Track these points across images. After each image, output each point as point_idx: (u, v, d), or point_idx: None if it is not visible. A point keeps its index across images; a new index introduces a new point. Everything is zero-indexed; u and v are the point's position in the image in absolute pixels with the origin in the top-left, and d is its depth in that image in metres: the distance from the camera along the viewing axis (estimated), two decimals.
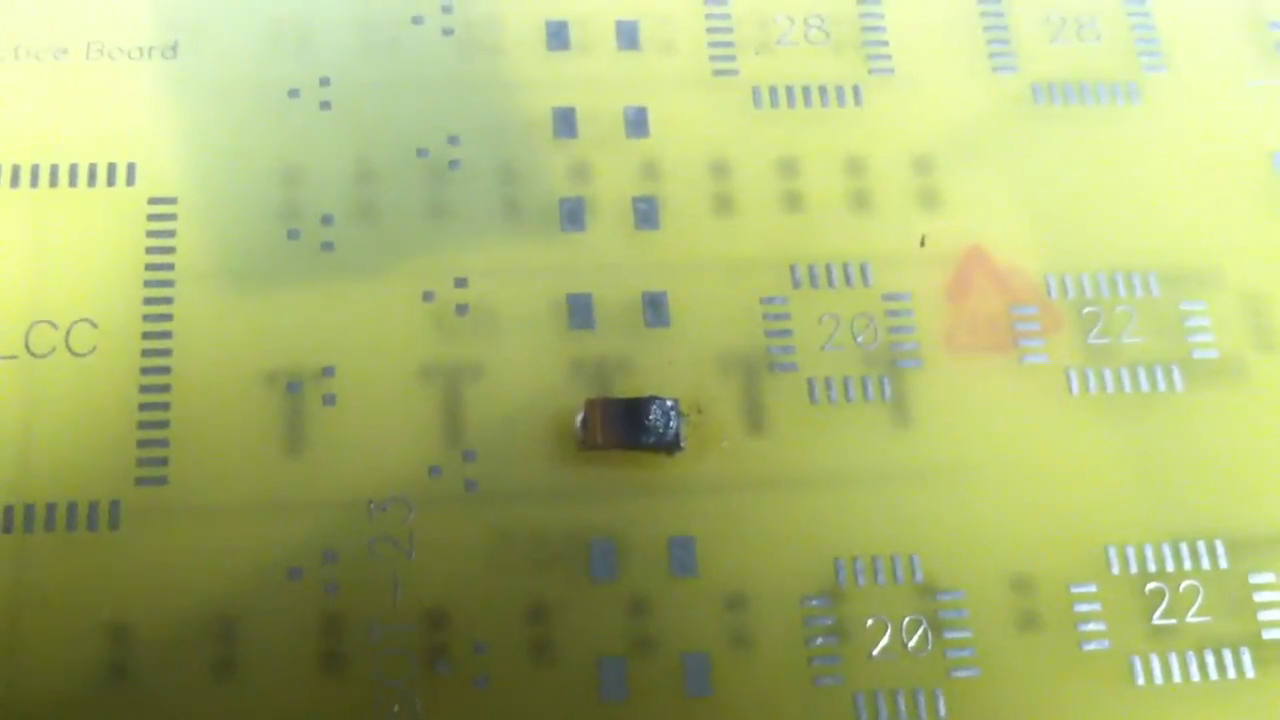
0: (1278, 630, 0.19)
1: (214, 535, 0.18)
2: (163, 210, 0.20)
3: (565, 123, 0.21)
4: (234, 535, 0.18)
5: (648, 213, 0.21)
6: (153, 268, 0.20)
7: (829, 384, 0.20)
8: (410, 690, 0.18)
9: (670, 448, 0.19)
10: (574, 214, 0.20)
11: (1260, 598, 0.19)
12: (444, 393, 0.19)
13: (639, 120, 0.21)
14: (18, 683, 0.18)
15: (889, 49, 0.22)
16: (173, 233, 0.20)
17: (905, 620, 0.19)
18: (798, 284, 0.20)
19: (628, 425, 0.19)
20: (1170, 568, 0.19)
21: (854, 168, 0.21)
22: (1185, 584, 0.19)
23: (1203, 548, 0.19)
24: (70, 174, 0.20)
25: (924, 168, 0.21)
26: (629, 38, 0.22)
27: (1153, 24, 0.23)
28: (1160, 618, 0.19)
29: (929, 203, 0.21)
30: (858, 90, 0.22)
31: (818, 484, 0.19)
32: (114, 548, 0.18)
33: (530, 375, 0.20)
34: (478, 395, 0.19)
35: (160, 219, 0.20)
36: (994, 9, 0.22)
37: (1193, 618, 0.19)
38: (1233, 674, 0.19)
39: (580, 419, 0.19)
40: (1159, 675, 0.19)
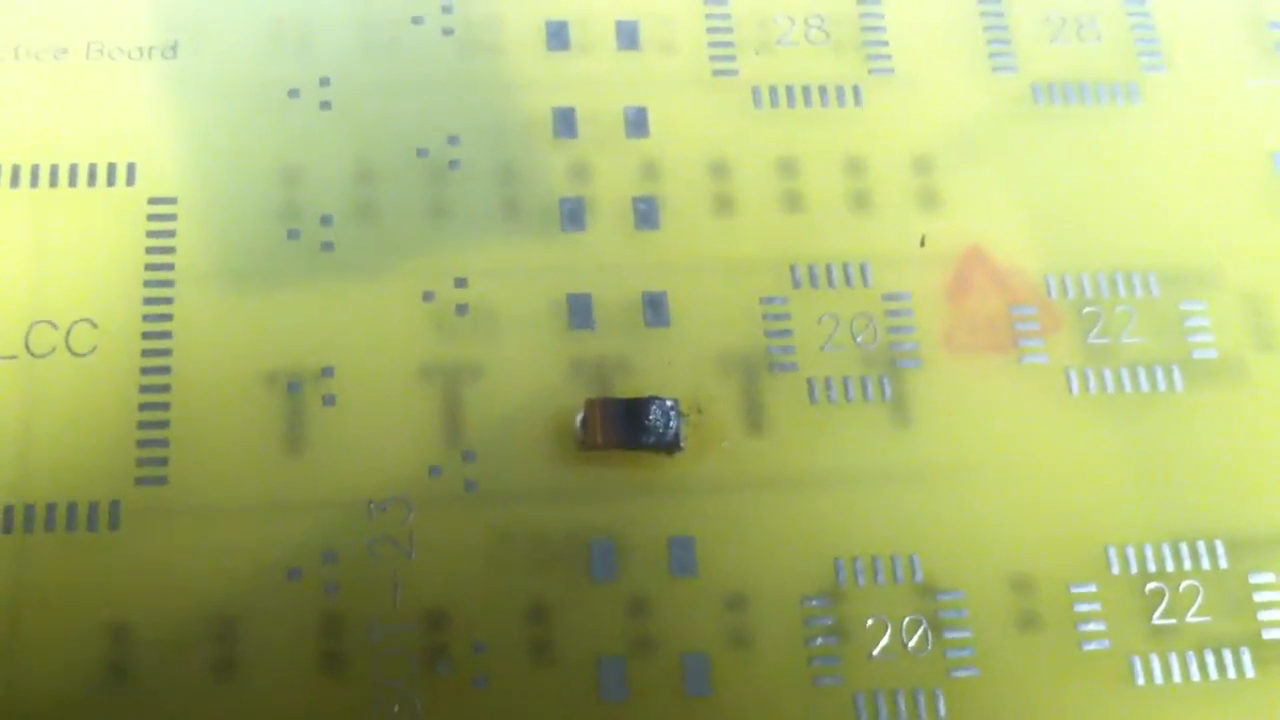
0: (1278, 630, 0.19)
1: (214, 535, 0.18)
2: (163, 210, 0.20)
3: (565, 123, 0.21)
4: (234, 535, 0.18)
5: (648, 213, 0.21)
6: (153, 268, 0.20)
7: (829, 384, 0.20)
8: (410, 690, 0.18)
9: (670, 448, 0.19)
10: (574, 214, 0.20)
11: (1260, 598, 0.19)
12: (444, 393, 0.19)
13: (639, 120, 0.21)
14: (18, 683, 0.18)
15: (889, 49, 0.22)
16: (173, 233, 0.20)
17: (905, 620, 0.19)
18: (798, 284, 0.20)
19: (628, 425, 0.19)
20: (1170, 568, 0.19)
21: (854, 168, 0.21)
22: (1185, 584, 0.19)
23: (1203, 548, 0.19)
24: (70, 174, 0.20)
25: (924, 168, 0.21)
26: (629, 38, 0.22)
27: (1153, 24, 0.23)
28: (1160, 618, 0.19)
29: (929, 203, 0.21)
30: (858, 90, 0.22)
31: (818, 484, 0.19)
32: (114, 548, 0.18)
33: (530, 375, 0.20)
34: (478, 395, 0.19)
35: (160, 219, 0.20)
36: (994, 9, 0.22)
37: (1193, 618, 0.19)
38: (1233, 674, 0.19)
39: (580, 419, 0.19)
40: (1159, 675, 0.19)
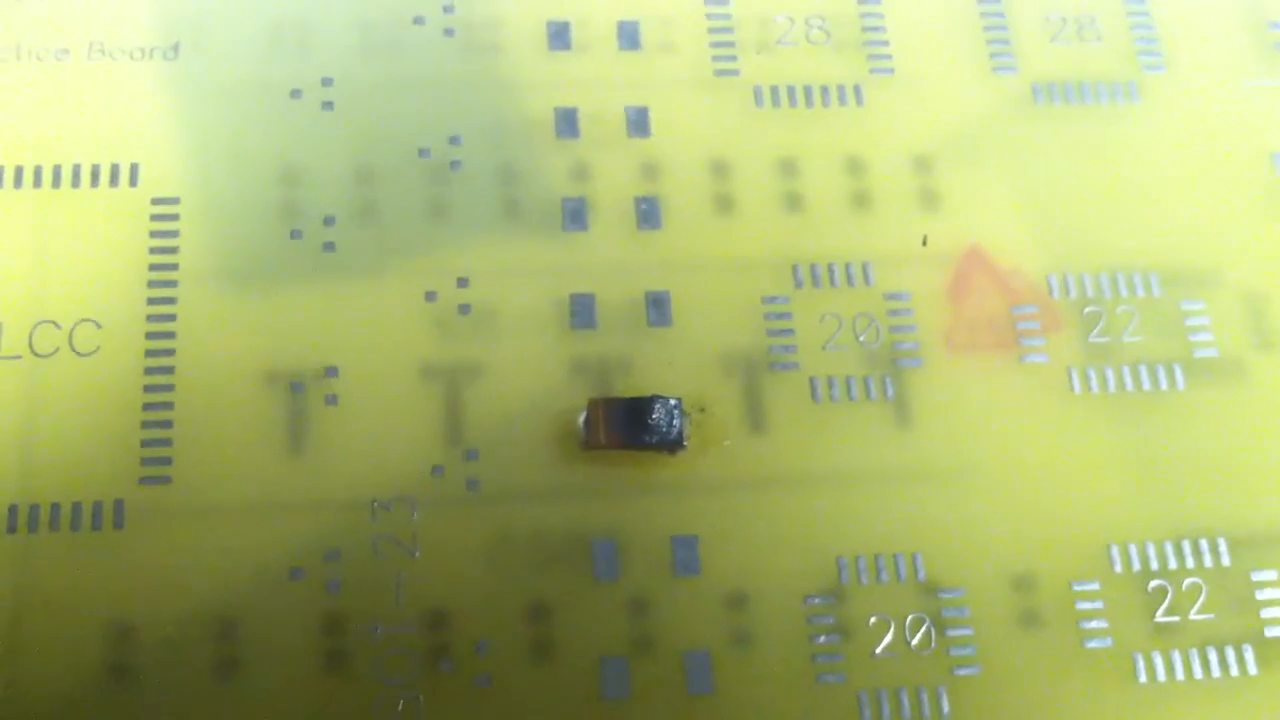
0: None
1: (217, 535, 0.18)
2: (165, 210, 0.20)
3: (567, 123, 0.21)
4: (237, 535, 0.18)
5: (649, 212, 0.21)
6: (156, 268, 0.20)
7: (831, 383, 0.20)
8: (413, 689, 0.18)
9: (673, 447, 0.19)
10: (576, 214, 0.21)
11: (1262, 595, 0.19)
12: (446, 392, 0.19)
13: (640, 120, 0.21)
14: (21, 682, 0.18)
15: (889, 49, 0.22)
16: (175, 233, 0.20)
17: (908, 618, 0.19)
18: (799, 283, 0.20)
19: (630, 424, 0.19)
20: (1173, 565, 0.19)
21: (855, 167, 0.21)
22: (1187, 582, 0.19)
23: (1205, 545, 0.19)
24: (73, 174, 0.20)
25: (924, 167, 0.21)
26: (630, 38, 0.22)
27: (1152, 24, 0.23)
28: (1163, 615, 0.19)
29: (929, 202, 0.21)
30: (858, 90, 0.22)
31: (820, 483, 0.19)
32: (117, 547, 0.18)
33: (532, 375, 0.20)
34: (480, 395, 0.19)
35: (163, 219, 0.20)
36: (994, 9, 0.22)
37: (1195, 615, 0.19)
38: (1235, 671, 0.19)
39: (583, 418, 0.19)
40: (1161, 673, 0.19)
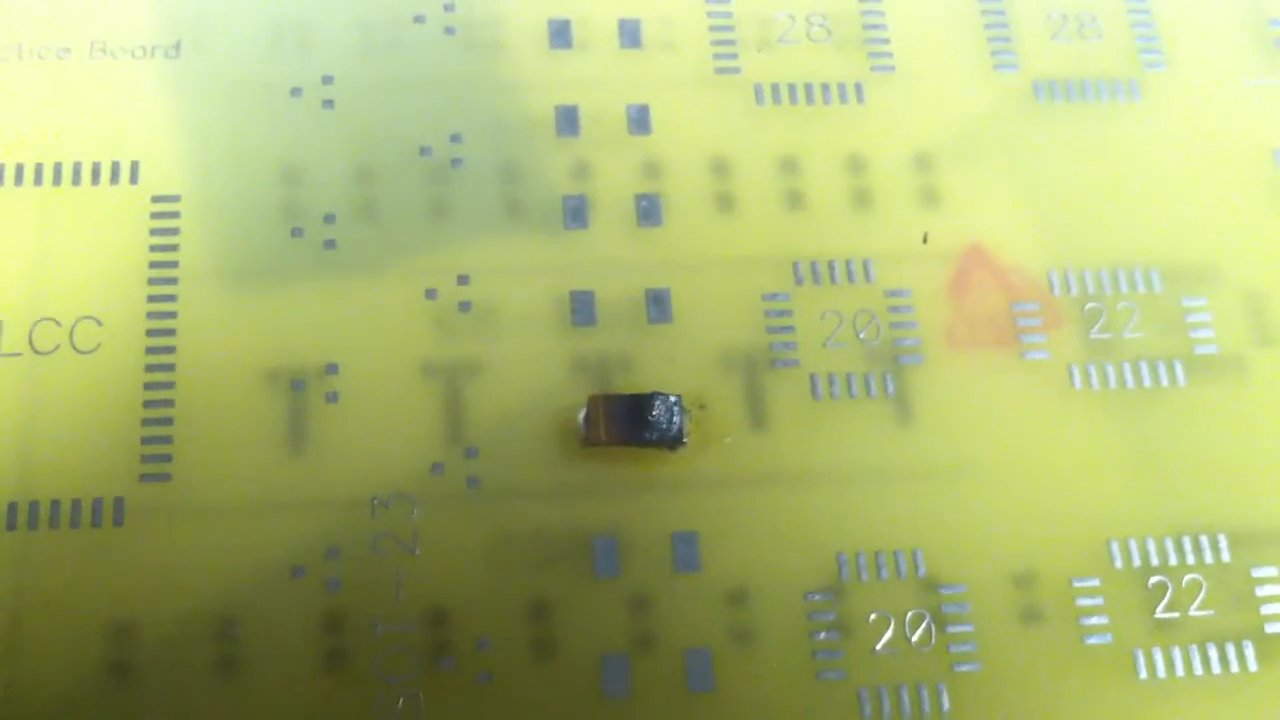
0: None
1: (217, 532, 0.18)
2: (166, 208, 0.20)
3: (568, 121, 0.21)
4: (237, 532, 0.18)
5: (650, 210, 0.21)
6: (156, 265, 0.20)
7: (831, 380, 0.20)
8: (413, 687, 0.18)
9: (673, 444, 0.19)
10: (577, 211, 0.21)
11: (1263, 592, 0.19)
12: (446, 390, 0.19)
13: (641, 118, 0.21)
14: (21, 680, 0.18)
15: (890, 46, 0.22)
16: (176, 231, 0.20)
17: (908, 615, 0.19)
18: (800, 280, 0.20)
19: (631, 421, 0.19)
20: (1173, 562, 0.19)
21: (855, 165, 0.21)
22: (1188, 578, 0.19)
23: (1205, 542, 0.19)
24: (74, 172, 0.20)
25: (925, 165, 0.21)
26: (631, 36, 0.22)
27: (1153, 21, 0.23)
28: (1163, 612, 0.19)
29: (930, 200, 0.21)
30: (859, 88, 0.22)
31: (820, 479, 0.19)
32: (117, 545, 0.18)
33: (533, 372, 0.20)
34: (480, 392, 0.19)
35: (163, 217, 0.20)
36: (995, 6, 0.22)
37: (1195, 612, 0.19)
38: (1236, 668, 0.19)
39: (583, 415, 0.19)
40: (1162, 669, 0.19)
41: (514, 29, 0.22)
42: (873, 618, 0.19)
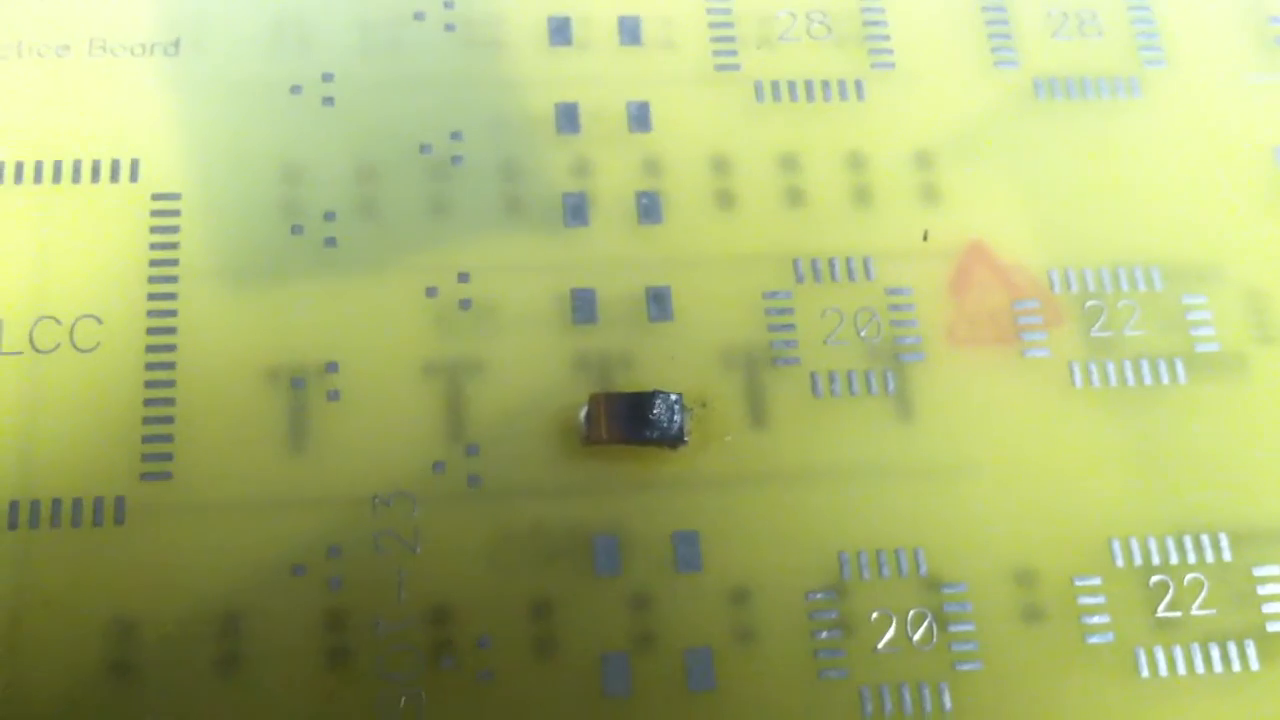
0: None
1: (218, 531, 0.18)
2: (166, 206, 0.20)
3: (568, 118, 0.21)
4: (238, 531, 0.18)
5: (650, 207, 0.21)
6: (157, 264, 0.20)
7: (832, 378, 0.20)
8: (415, 685, 0.18)
9: (674, 442, 0.19)
10: (577, 209, 0.20)
11: (1264, 590, 0.19)
12: (447, 388, 0.19)
13: (641, 115, 0.21)
14: (22, 679, 0.18)
15: (891, 43, 0.22)
16: (176, 229, 0.20)
17: (910, 614, 0.19)
18: (800, 278, 0.20)
19: (632, 420, 0.19)
20: (1174, 560, 0.19)
21: (856, 162, 0.21)
22: (1189, 577, 0.19)
23: (1206, 541, 0.19)
24: (74, 170, 0.20)
25: (926, 162, 0.21)
26: (631, 33, 0.22)
27: (1153, 19, 0.23)
28: (1164, 610, 0.19)
29: (931, 197, 0.21)
30: (860, 85, 0.22)
31: (821, 478, 0.19)
32: (118, 544, 0.18)
33: (534, 370, 0.20)
34: (481, 390, 0.19)
35: (164, 215, 0.20)
36: (995, 3, 0.22)
37: (1197, 610, 0.19)
38: (1237, 667, 0.19)
39: (584, 414, 0.19)
40: (1163, 668, 0.19)
41: (514, 26, 0.22)
42: (874, 616, 0.19)
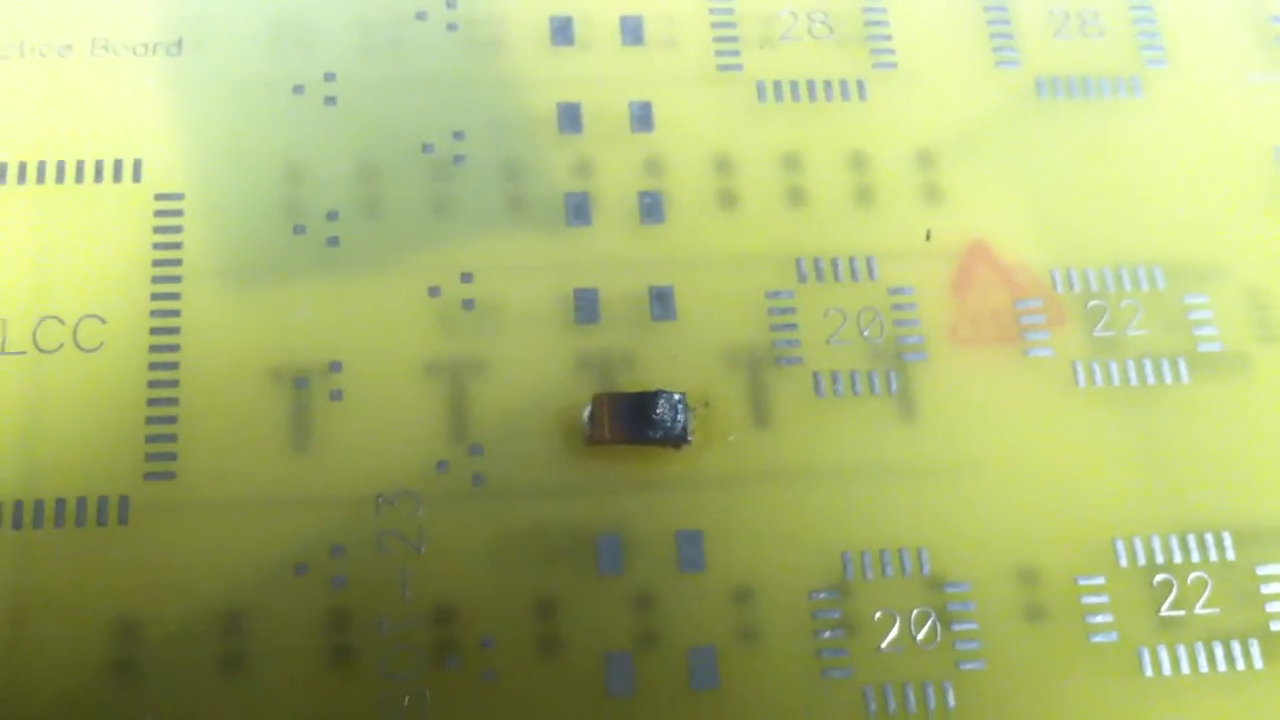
0: None
1: (222, 530, 0.18)
2: (169, 206, 0.20)
3: (570, 118, 0.21)
4: (242, 530, 0.18)
5: (653, 207, 0.21)
6: (160, 263, 0.20)
7: (835, 377, 0.20)
8: (418, 685, 0.18)
9: (677, 441, 0.19)
10: (579, 209, 0.21)
11: (1268, 589, 0.19)
12: (450, 388, 0.19)
13: (644, 115, 0.21)
14: (25, 678, 0.18)
15: (893, 43, 0.22)
16: (180, 228, 0.20)
17: (913, 613, 0.19)
18: (803, 278, 0.20)
19: (635, 419, 0.19)
20: (1178, 559, 0.19)
21: (858, 162, 0.21)
22: (1193, 576, 0.19)
23: (1210, 540, 0.19)
24: (77, 170, 0.20)
25: (928, 162, 0.21)
26: (633, 33, 0.22)
27: (1155, 18, 0.23)
28: (1168, 609, 0.19)
29: (933, 197, 0.21)
30: (862, 85, 0.22)
31: (824, 477, 0.19)
32: (122, 543, 0.18)
33: (537, 370, 0.20)
34: (484, 390, 0.19)
35: (167, 215, 0.20)
36: (997, 3, 0.22)
37: (1201, 609, 0.19)
38: (1241, 666, 0.19)
39: (587, 413, 0.19)
40: (1167, 667, 0.19)
41: (516, 26, 0.22)
42: (877, 616, 0.19)
